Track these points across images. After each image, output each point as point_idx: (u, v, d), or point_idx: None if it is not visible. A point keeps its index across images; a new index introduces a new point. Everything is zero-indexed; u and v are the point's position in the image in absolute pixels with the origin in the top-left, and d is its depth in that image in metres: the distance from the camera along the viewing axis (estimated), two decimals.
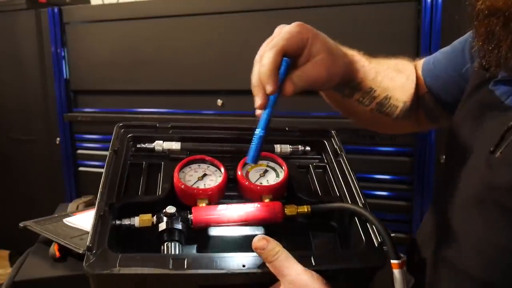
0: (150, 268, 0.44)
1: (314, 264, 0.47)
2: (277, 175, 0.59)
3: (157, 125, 0.65)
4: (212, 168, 0.59)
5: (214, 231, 0.54)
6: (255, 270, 0.46)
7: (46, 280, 0.89)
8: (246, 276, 0.46)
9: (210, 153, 0.61)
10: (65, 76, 1.73)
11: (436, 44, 1.26)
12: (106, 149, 0.61)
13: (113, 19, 1.62)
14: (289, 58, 0.53)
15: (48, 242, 0.97)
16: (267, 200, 0.56)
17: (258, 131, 0.53)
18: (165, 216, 0.51)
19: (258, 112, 0.54)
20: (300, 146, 0.66)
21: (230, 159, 0.61)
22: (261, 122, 0.53)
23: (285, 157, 0.63)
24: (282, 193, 0.59)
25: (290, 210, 0.55)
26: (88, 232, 0.49)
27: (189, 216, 0.52)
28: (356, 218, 0.54)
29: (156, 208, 0.53)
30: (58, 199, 1.71)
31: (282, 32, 0.53)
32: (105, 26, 1.64)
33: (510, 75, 0.48)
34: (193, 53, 1.53)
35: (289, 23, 0.54)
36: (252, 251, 0.47)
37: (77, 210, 1.17)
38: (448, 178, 0.54)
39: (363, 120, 0.73)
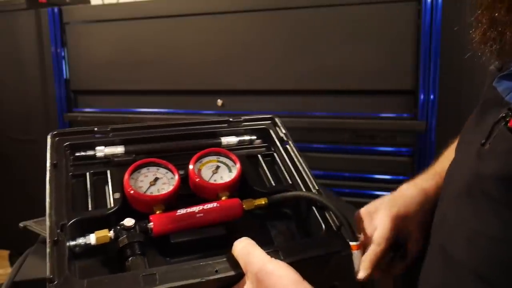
0: None
1: (282, 258, 0.46)
2: (230, 170, 0.57)
3: (95, 129, 0.60)
4: (162, 170, 0.56)
5: (174, 236, 0.51)
6: (228, 274, 0.45)
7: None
8: (220, 281, 0.45)
9: (156, 154, 0.58)
10: (65, 76, 1.73)
11: (436, 44, 1.26)
12: None
13: (113, 19, 1.63)
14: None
15: None
16: (224, 198, 0.54)
17: None
18: (124, 229, 0.48)
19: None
20: (246, 136, 0.63)
21: (177, 157, 0.59)
22: None
23: (232, 148, 0.62)
24: (237, 188, 0.57)
25: (248, 204, 0.54)
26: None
27: (148, 225, 0.50)
28: (312, 204, 0.54)
29: (110, 221, 0.50)
30: None
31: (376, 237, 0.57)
32: (105, 26, 1.64)
33: None
34: (193, 53, 1.53)
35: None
36: (220, 253, 0.47)
37: None
38: (449, 170, 0.56)
39: None
